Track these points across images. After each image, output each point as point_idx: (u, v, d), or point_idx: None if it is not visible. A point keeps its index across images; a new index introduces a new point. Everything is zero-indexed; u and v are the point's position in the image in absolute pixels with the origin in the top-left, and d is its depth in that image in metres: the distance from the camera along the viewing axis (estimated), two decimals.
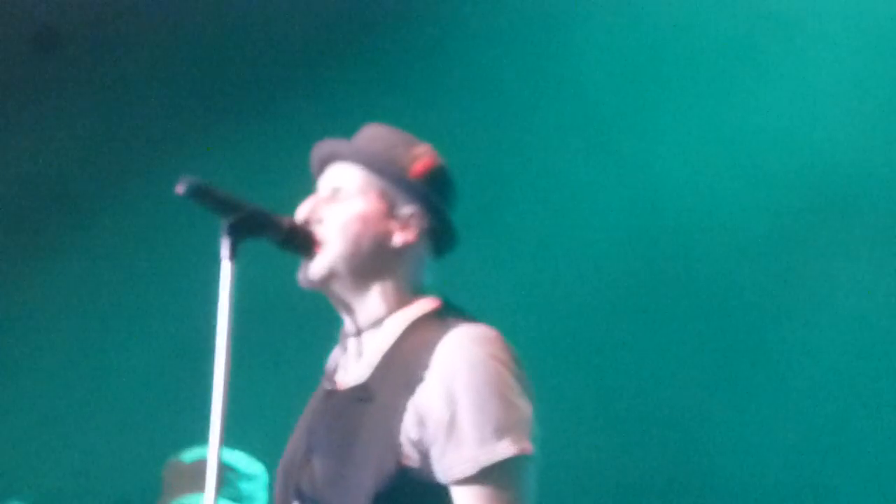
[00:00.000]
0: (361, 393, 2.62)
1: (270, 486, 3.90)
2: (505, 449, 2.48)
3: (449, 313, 2.68)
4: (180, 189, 2.59)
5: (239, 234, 2.61)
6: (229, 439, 2.57)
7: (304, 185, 2.85)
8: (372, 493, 2.50)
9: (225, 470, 3.92)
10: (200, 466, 3.81)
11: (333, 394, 2.71)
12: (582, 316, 4.83)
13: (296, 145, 3.01)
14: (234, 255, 2.59)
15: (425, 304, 2.71)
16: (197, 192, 2.61)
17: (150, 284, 5.33)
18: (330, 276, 2.69)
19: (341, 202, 2.71)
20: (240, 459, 3.95)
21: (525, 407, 2.55)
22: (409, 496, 2.53)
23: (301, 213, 2.73)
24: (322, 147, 2.81)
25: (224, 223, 2.62)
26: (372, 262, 2.69)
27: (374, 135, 2.80)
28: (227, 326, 2.56)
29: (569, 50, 5.02)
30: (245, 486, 3.90)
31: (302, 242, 2.69)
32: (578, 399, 4.73)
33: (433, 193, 2.74)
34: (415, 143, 2.78)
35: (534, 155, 5.02)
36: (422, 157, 2.76)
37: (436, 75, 5.12)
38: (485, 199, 4.67)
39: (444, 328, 2.60)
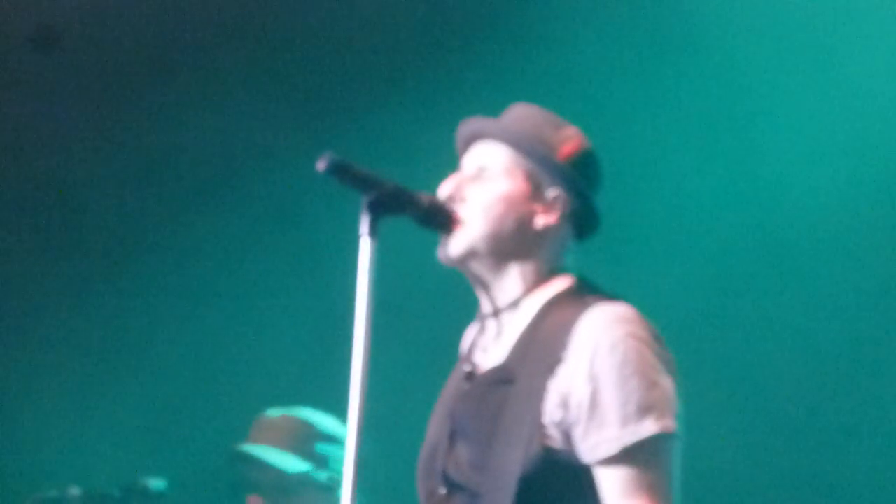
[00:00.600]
0: (502, 375, 2.61)
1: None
2: (648, 428, 2.48)
3: (585, 291, 2.67)
4: (321, 165, 2.59)
5: (379, 210, 2.62)
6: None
7: (417, 166, 2.87)
8: (518, 476, 2.50)
9: (304, 426, 3.94)
10: (282, 421, 3.85)
11: (473, 376, 2.70)
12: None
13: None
14: (374, 232, 2.61)
15: (562, 283, 2.69)
16: (338, 169, 2.61)
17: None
18: (470, 255, 2.68)
19: (486, 181, 2.70)
20: (324, 420, 3.96)
21: (667, 385, 2.54)
22: (555, 478, 2.52)
23: (444, 190, 2.73)
24: (469, 124, 2.79)
25: (364, 200, 2.63)
26: (513, 243, 2.68)
27: (522, 114, 2.78)
28: (367, 304, 2.57)
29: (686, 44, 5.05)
30: (323, 448, 3.89)
31: (441, 220, 2.70)
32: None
33: (579, 177, 2.72)
34: (563, 124, 2.77)
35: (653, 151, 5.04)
36: (570, 139, 2.74)
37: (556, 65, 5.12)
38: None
39: (582, 307, 2.59)
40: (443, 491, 2.64)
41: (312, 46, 5.35)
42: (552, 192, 2.72)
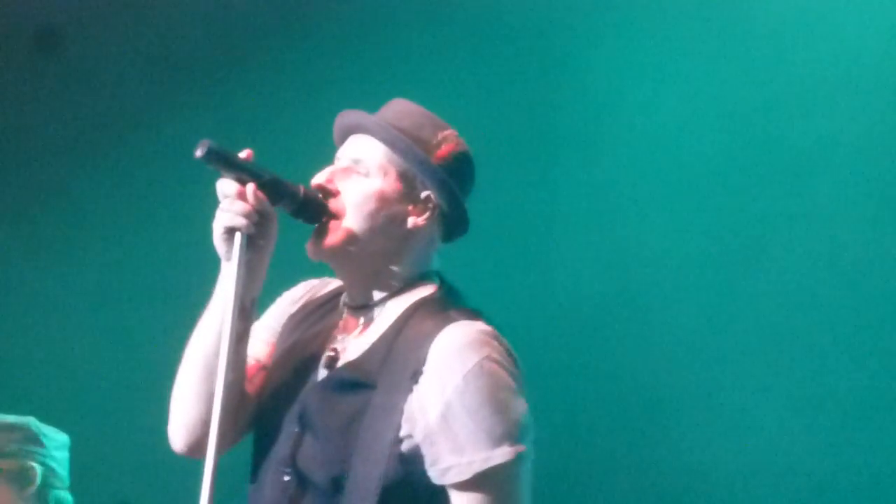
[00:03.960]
0: (362, 377, 2.60)
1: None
2: (500, 454, 2.50)
3: (448, 301, 2.68)
4: (199, 152, 2.57)
5: None
6: None
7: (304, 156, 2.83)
8: (379, 487, 2.50)
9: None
10: None
11: (329, 369, 2.69)
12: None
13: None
14: None
15: (427, 289, 2.71)
16: (215, 157, 2.59)
17: (153, 281, 5.31)
18: (340, 250, 2.67)
19: (360, 177, 2.70)
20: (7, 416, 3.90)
21: (521, 407, 2.56)
22: (413, 492, 2.54)
23: (317, 180, 2.72)
24: (348, 116, 2.79)
25: None
26: (382, 240, 2.68)
27: (402, 111, 2.78)
28: (235, 298, 2.57)
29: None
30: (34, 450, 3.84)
31: (314, 212, 2.67)
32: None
33: (453, 181, 2.72)
34: (441, 125, 2.77)
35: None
36: (447, 141, 2.75)
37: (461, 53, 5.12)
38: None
39: (443, 321, 2.59)
40: (285, 477, 2.63)
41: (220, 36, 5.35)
42: (424, 194, 2.71)
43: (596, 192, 4.91)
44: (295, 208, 2.66)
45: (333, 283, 2.87)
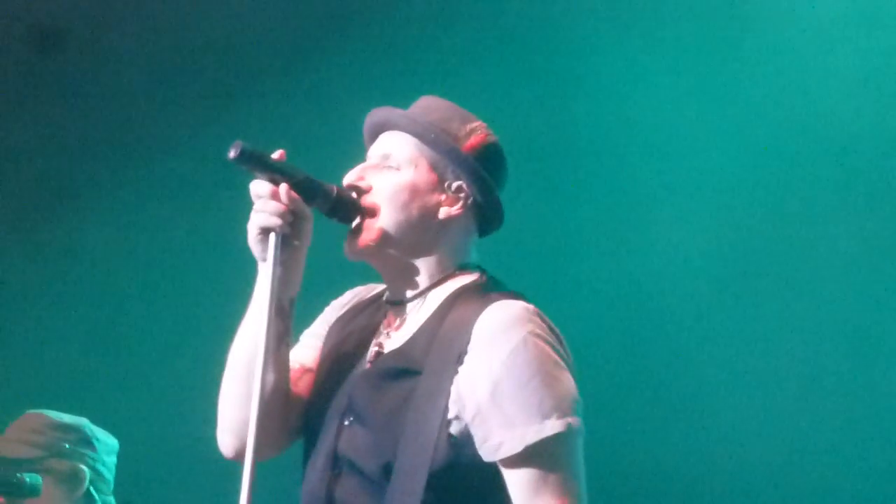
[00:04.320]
0: (407, 365, 2.60)
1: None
2: (551, 426, 2.47)
3: (490, 286, 2.67)
4: (233, 153, 2.56)
5: None
6: None
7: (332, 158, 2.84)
8: (427, 474, 2.49)
9: (37, 417, 3.86)
10: (18, 421, 3.78)
11: (374, 360, 2.69)
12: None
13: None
14: None
15: (468, 278, 2.70)
16: (249, 158, 2.58)
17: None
18: (376, 246, 2.67)
19: (391, 170, 2.70)
20: (62, 415, 3.88)
21: (568, 381, 2.54)
22: (463, 475, 2.52)
23: (349, 178, 2.71)
24: (376, 114, 2.79)
25: None
26: (419, 232, 2.67)
27: (429, 105, 2.78)
28: (271, 299, 2.57)
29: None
30: (60, 437, 3.81)
31: (348, 210, 2.67)
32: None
33: (484, 169, 2.71)
34: (470, 118, 2.77)
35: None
36: (476, 132, 2.75)
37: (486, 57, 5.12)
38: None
39: (485, 302, 2.58)
40: (332, 469, 2.62)
41: (220, 35, 5.34)
42: (456, 184, 2.71)
43: (615, 193, 4.94)
44: (329, 208, 2.65)
45: (379, 288, 2.87)
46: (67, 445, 3.78)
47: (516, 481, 2.49)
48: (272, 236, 2.59)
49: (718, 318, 4.82)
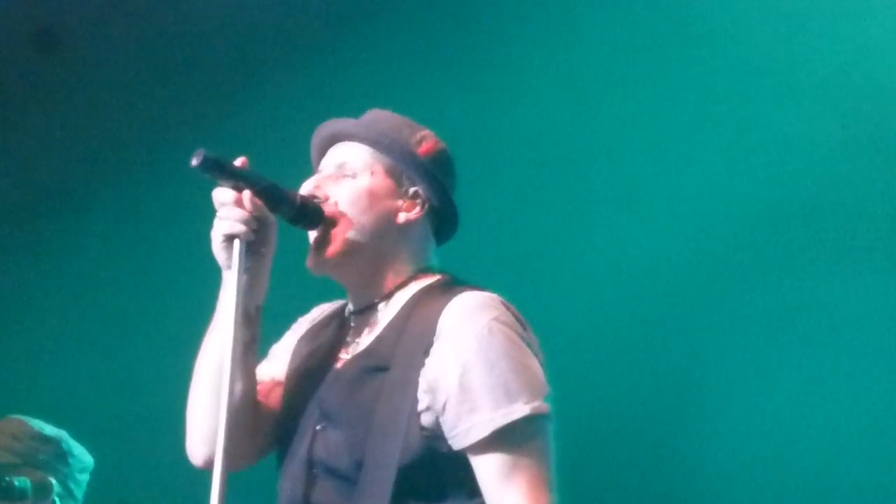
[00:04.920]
0: (375, 362, 2.61)
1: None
2: (519, 410, 2.48)
3: (454, 283, 2.70)
4: (195, 161, 2.56)
5: None
6: None
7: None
8: (397, 466, 2.50)
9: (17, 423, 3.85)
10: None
11: (343, 364, 2.69)
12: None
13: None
14: None
15: (431, 279, 2.72)
16: (212, 166, 2.58)
17: (152, 281, 5.31)
18: (341, 257, 2.68)
19: (348, 178, 2.71)
20: (41, 423, 3.87)
21: (535, 366, 2.56)
22: (433, 466, 2.53)
23: (305, 189, 2.72)
24: (326, 127, 2.81)
25: None
26: (380, 237, 2.69)
27: (377, 117, 2.82)
28: (236, 306, 2.56)
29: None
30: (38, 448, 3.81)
31: (312, 217, 2.67)
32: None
33: (439, 173, 2.75)
34: (419, 127, 2.81)
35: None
36: (427, 139, 2.78)
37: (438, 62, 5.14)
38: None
39: (450, 296, 2.60)
40: (307, 474, 2.63)
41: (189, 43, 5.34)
42: (413, 189, 2.74)
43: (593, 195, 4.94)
44: (293, 215, 2.65)
45: (342, 303, 2.87)
46: (42, 457, 3.77)
47: (485, 466, 2.49)
48: (236, 243, 2.58)
49: (679, 316, 4.85)
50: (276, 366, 2.84)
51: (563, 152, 5.00)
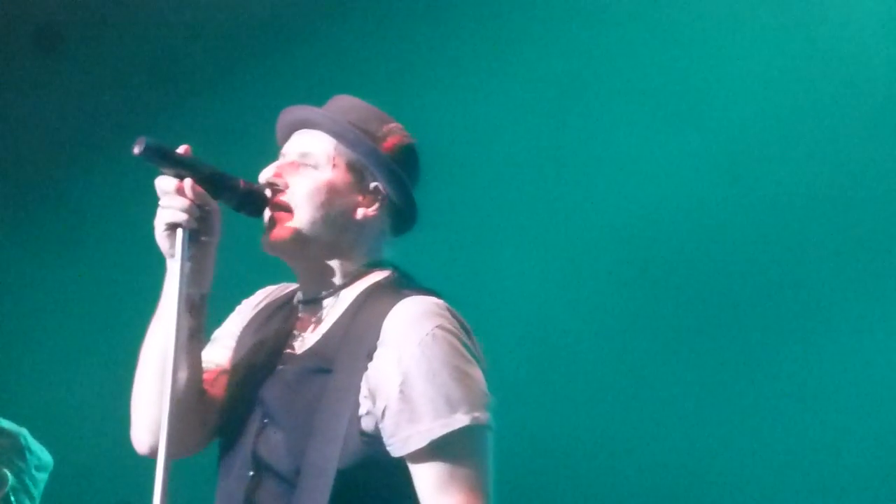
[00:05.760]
0: (319, 363, 2.59)
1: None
2: (459, 420, 2.46)
3: (402, 283, 2.67)
4: (137, 149, 2.53)
5: None
6: None
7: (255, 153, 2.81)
8: (336, 470, 2.48)
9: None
10: None
11: (288, 361, 2.67)
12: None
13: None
14: None
15: (380, 275, 2.69)
16: (154, 153, 2.56)
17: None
18: (292, 243, 2.65)
19: (309, 169, 2.69)
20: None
21: (477, 375, 2.53)
22: (373, 471, 2.51)
23: (265, 175, 2.70)
24: (292, 112, 2.78)
25: None
26: (335, 232, 2.66)
27: (346, 105, 2.77)
28: (180, 295, 2.55)
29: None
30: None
31: (256, 205, 2.65)
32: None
33: (401, 171, 2.72)
34: (387, 119, 2.77)
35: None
36: (393, 133, 2.75)
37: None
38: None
39: (395, 299, 2.58)
40: (250, 473, 2.60)
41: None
42: (374, 184, 2.70)
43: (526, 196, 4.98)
44: (237, 202, 2.63)
45: (290, 288, 2.85)
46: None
47: (423, 476, 2.48)
48: (179, 232, 2.57)
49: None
50: (220, 351, 2.81)
51: (521, 153, 5.01)
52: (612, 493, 4.73)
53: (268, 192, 2.67)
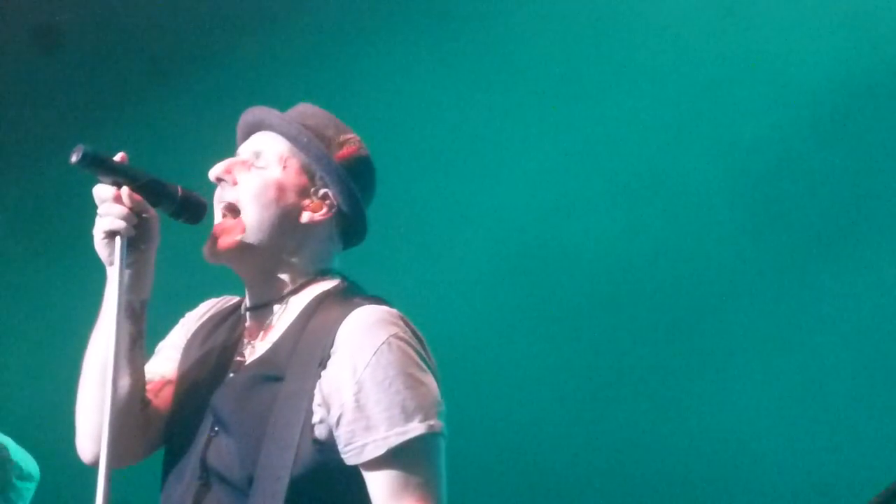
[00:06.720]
0: (270, 371, 2.59)
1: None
2: (414, 429, 2.48)
3: (352, 292, 2.67)
4: (74, 157, 2.54)
5: None
6: None
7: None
8: (289, 478, 2.48)
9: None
10: None
11: (238, 369, 2.67)
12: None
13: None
14: None
15: (329, 283, 2.70)
16: (91, 161, 2.55)
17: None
18: (237, 248, 2.65)
19: (259, 168, 2.70)
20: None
21: (431, 384, 2.55)
22: (326, 479, 2.52)
23: (215, 171, 2.71)
24: (251, 113, 2.79)
25: None
26: (280, 233, 2.67)
27: (306, 112, 2.79)
28: (119, 302, 2.54)
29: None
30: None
31: (194, 211, 2.65)
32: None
33: (352, 181, 2.72)
34: (345, 129, 2.78)
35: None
36: (349, 143, 2.75)
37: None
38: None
39: (348, 307, 2.59)
40: (199, 481, 2.60)
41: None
42: (323, 191, 2.72)
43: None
44: (174, 209, 2.63)
45: (235, 299, 2.86)
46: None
47: (378, 484, 2.49)
48: (118, 240, 2.56)
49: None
50: (164, 363, 2.81)
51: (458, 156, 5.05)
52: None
53: (219, 189, 2.69)
